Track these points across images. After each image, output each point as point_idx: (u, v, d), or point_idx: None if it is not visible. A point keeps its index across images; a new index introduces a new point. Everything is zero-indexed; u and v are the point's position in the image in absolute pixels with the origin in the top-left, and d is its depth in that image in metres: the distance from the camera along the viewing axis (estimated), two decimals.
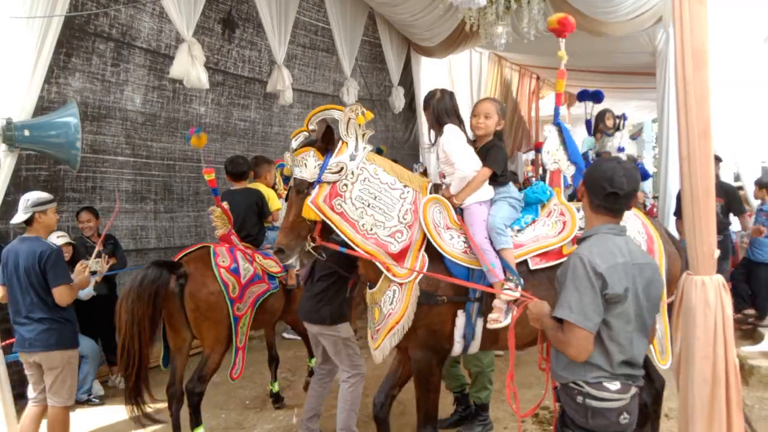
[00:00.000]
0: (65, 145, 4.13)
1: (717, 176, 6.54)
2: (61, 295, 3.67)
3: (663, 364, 3.01)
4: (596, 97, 7.26)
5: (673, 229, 6.39)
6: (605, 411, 2.15)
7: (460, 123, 3.29)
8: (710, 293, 2.35)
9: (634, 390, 2.22)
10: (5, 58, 3.91)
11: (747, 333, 6.32)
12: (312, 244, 3.15)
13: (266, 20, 6.70)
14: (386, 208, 3.12)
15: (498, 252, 3.07)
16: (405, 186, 3.19)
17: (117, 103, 6.13)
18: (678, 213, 6.39)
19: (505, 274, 3.02)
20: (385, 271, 3.09)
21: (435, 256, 3.09)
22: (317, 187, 3.08)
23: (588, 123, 7.25)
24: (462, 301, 3.11)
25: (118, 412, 5.09)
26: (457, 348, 3.18)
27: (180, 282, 3.99)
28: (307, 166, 3.09)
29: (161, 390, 4.18)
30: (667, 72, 7.46)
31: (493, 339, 3.13)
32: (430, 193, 3.24)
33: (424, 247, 3.11)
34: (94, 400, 5.27)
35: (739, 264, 6.86)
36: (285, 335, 6.98)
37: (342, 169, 3.08)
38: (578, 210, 3.26)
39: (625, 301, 2.14)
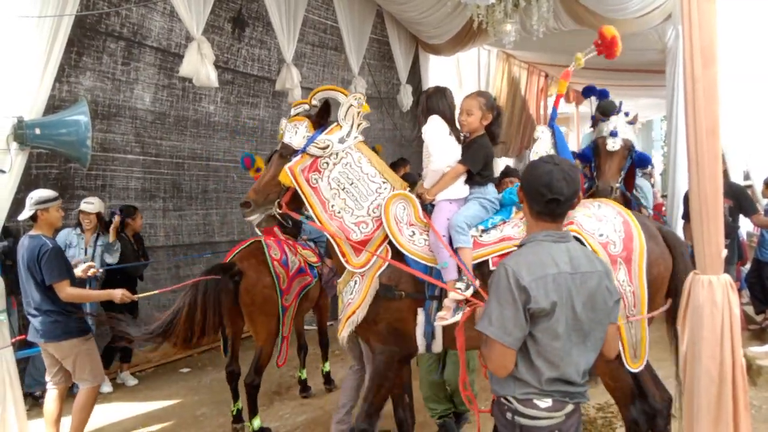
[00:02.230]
0: (76, 144, 4.17)
1: (726, 175, 6.46)
2: (60, 291, 3.78)
3: (633, 367, 2.95)
4: (601, 94, 7.09)
5: (680, 231, 6.31)
6: (535, 429, 2.02)
7: (449, 121, 3.24)
8: (717, 293, 2.34)
9: (570, 407, 2.05)
10: (16, 57, 3.94)
11: (755, 333, 6.27)
12: (278, 211, 3.26)
13: (275, 19, 6.71)
14: (359, 197, 3.18)
15: (456, 251, 3.02)
16: (384, 182, 3.23)
17: (127, 101, 6.18)
18: (686, 216, 6.30)
19: (460, 274, 2.98)
20: (341, 257, 3.14)
21: (398, 252, 3.10)
22: (300, 156, 3.19)
23: (594, 119, 7.14)
24: (422, 299, 3.11)
25: (126, 408, 5.15)
26: (420, 347, 3.18)
27: (235, 279, 4.24)
28: (297, 133, 3.22)
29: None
30: (677, 69, 7.33)
31: (454, 338, 3.05)
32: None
33: (387, 241, 3.12)
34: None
35: (751, 266, 6.77)
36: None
37: (328, 147, 3.16)
38: None
39: (552, 315, 1.96)
